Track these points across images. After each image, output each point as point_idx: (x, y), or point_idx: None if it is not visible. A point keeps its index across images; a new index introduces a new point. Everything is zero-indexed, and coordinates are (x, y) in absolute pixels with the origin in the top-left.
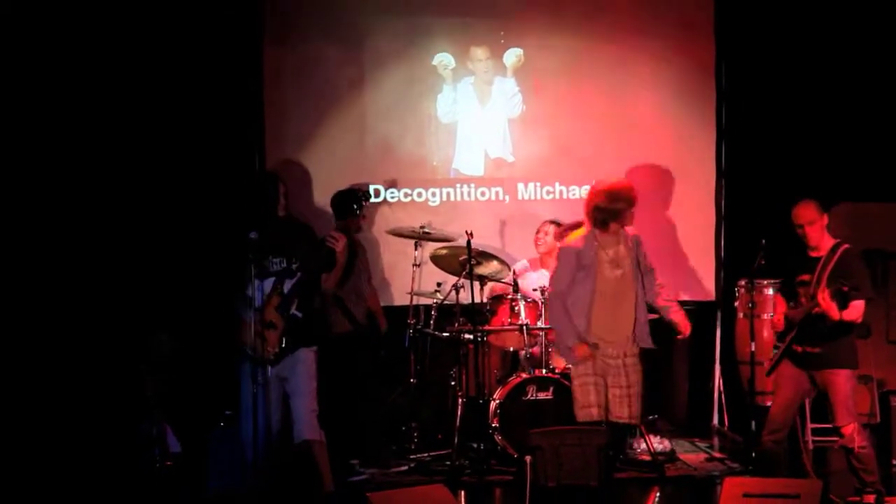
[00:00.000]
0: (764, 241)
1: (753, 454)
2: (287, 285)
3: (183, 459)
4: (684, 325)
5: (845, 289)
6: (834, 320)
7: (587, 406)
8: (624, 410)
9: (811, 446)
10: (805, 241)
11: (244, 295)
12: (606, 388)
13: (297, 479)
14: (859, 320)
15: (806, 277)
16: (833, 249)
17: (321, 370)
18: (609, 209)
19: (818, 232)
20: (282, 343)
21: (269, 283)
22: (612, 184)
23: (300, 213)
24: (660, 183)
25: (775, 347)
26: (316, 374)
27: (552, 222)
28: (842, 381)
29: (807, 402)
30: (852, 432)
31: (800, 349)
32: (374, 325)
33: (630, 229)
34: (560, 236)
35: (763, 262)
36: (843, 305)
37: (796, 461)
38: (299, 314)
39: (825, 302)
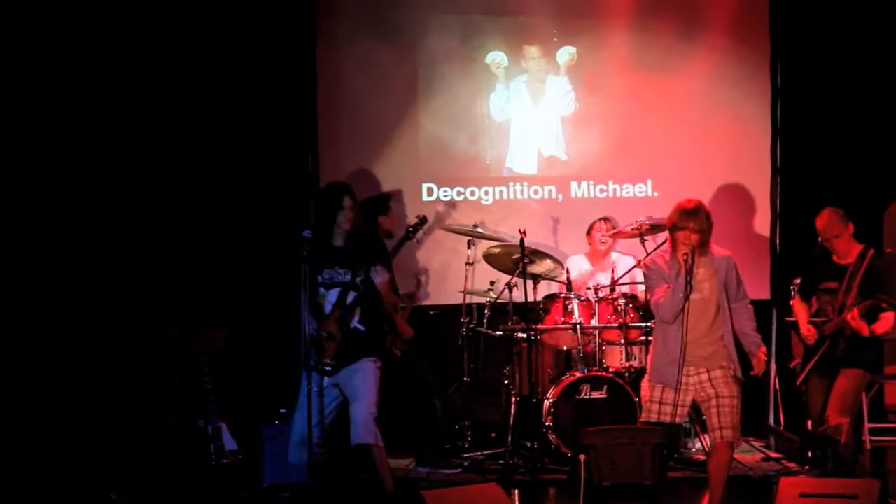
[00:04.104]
0: (820, 239)
1: (809, 454)
2: (350, 297)
3: (239, 457)
4: (759, 364)
5: (884, 305)
6: (864, 336)
7: (649, 401)
8: (713, 419)
9: (869, 446)
10: (834, 251)
11: (307, 301)
12: (689, 402)
13: (359, 479)
14: (890, 331)
15: (833, 285)
16: (861, 256)
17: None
18: (670, 229)
19: (846, 242)
20: (339, 355)
21: (334, 294)
22: (679, 203)
23: None
24: (715, 181)
25: (806, 358)
26: (377, 382)
27: (605, 219)
28: (848, 377)
29: (864, 401)
30: (839, 425)
31: (829, 355)
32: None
33: (722, 252)
34: (613, 234)
35: (818, 250)
36: (873, 319)
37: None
38: (362, 327)
39: (855, 321)
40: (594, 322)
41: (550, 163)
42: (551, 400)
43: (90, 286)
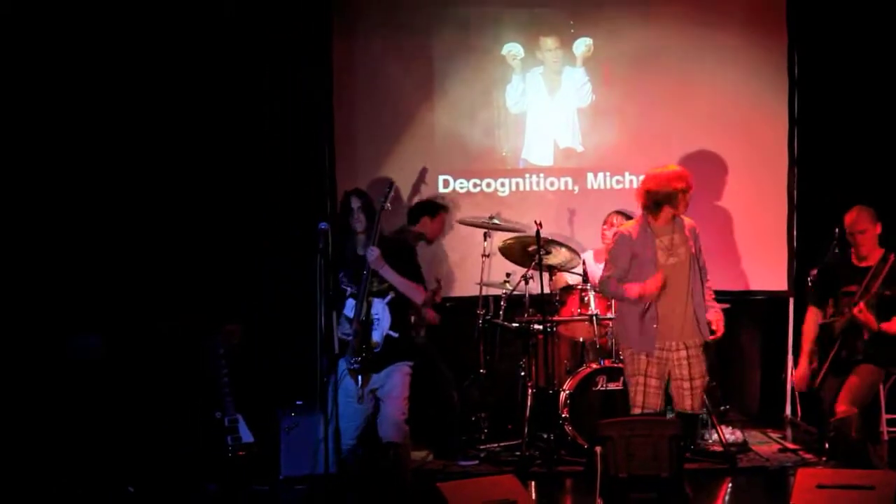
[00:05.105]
0: (837, 230)
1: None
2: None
3: (255, 449)
4: (718, 326)
5: (887, 293)
6: (873, 331)
7: (633, 406)
8: (686, 402)
9: (886, 437)
10: (856, 247)
11: (324, 295)
12: (669, 380)
13: (377, 474)
14: None
15: (853, 288)
16: (883, 259)
17: None
18: (660, 192)
19: (871, 240)
20: (363, 350)
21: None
22: (663, 168)
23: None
24: (731, 172)
25: (821, 360)
26: (408, 386)
27: (619, 213)
28: (862, 372)
29: (881, 392)
30: (848, 417)
31: (844, 354)
32: None
33: (688, 220)
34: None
35: (837, 252)
36: (885, 317)
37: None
38: (395, 334)
39: (862, 314)
40: (610, 314)
41: (567, 154)
42: (567, 391)
43: (101, 283)
